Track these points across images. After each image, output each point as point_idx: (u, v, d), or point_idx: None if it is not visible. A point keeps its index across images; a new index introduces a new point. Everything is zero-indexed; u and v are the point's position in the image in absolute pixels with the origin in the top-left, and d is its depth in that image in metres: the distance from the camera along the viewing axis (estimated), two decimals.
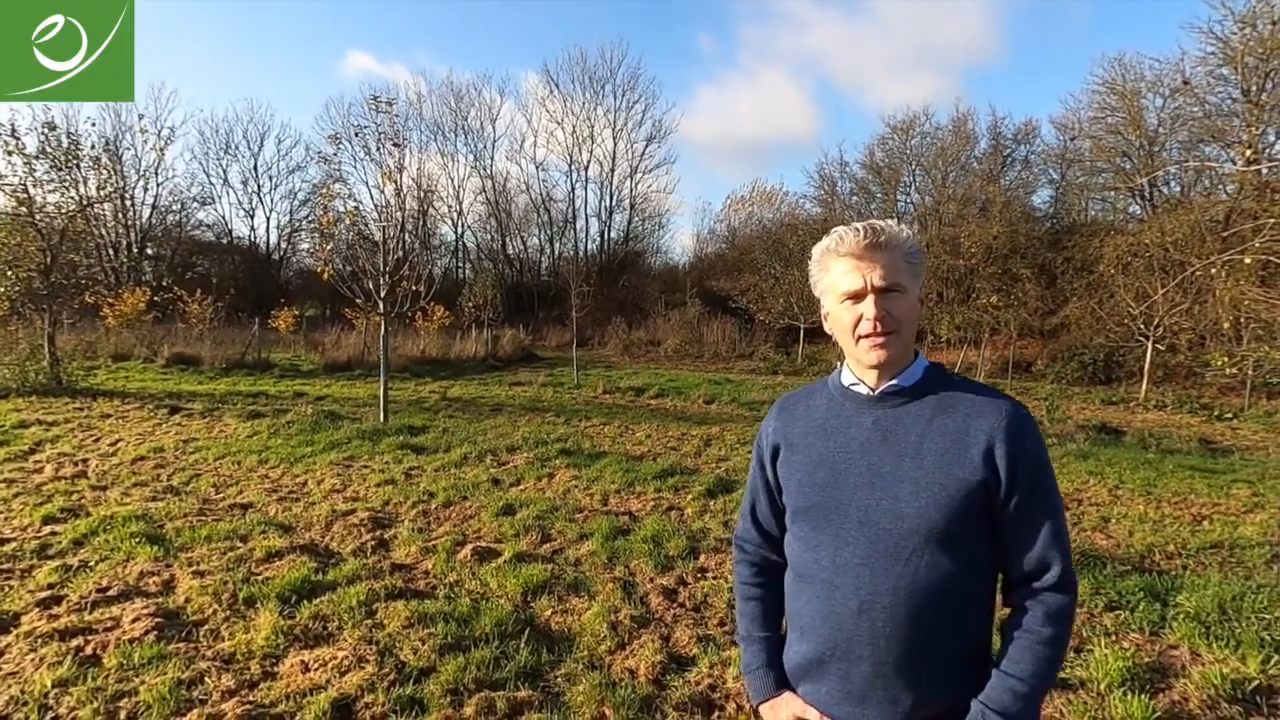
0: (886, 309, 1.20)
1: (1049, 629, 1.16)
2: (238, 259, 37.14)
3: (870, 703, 1.19)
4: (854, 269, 1.21)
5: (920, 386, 1.25)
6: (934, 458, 1.17)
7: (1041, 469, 1.18)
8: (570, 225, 37.72)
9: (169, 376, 14.85)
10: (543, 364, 20.61)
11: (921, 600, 1.15)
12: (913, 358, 1.27)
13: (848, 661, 1.20)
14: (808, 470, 1.28)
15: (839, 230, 1.24)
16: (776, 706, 1.32)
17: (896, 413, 1.24)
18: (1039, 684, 1.14)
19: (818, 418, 1.32)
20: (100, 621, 3.41)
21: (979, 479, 1.15)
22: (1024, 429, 1.18)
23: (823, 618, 1.23)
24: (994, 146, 28.89)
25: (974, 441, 1.17)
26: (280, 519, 5.10)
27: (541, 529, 4.90)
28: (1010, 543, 1.19)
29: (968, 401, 1.21)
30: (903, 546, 1.16)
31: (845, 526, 1.21)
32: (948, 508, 1.15)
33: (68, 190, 12.44)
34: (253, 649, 3.16)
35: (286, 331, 23.21)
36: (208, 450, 7.32)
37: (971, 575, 1.18)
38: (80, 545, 4.46)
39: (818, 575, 1.24)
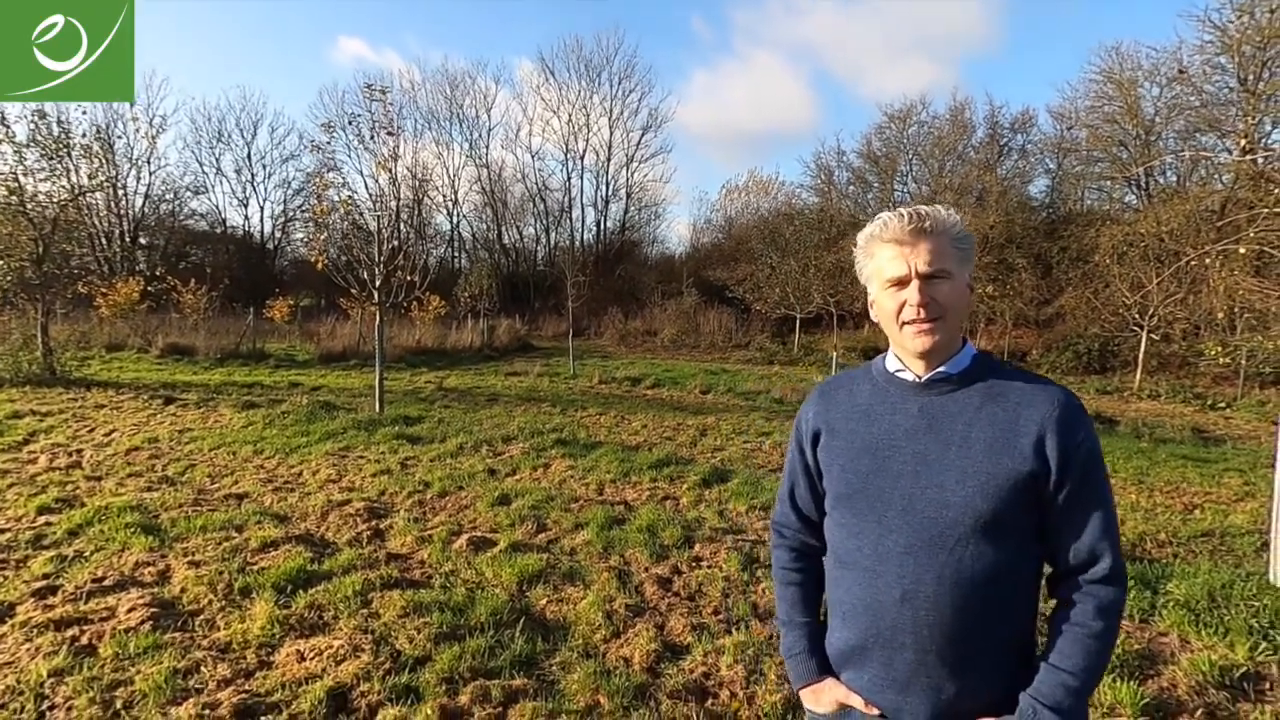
0: (931, 295, 1.18)
1: (1100, 622, 1.14)
2: (232, 249, 36.96)
3: (913, 691, 1.18)
4: (898, 255, 1.19)
5: (968, 374, 1.23)
6: (982, 446, 1.16)
7: (1094, 461, 1.16)
8: (566, 215, 37.62)
9: (163, 367, 14.81)
10: (539, 354, 20.61)
11: (966, 590, 1.13)
12: (960, 345, 1.25)
13: (890, 649, 1.19)
14: (850, 456, 1.26)
15: (883, 216, 1.22)
16: (819, 692, 1.31)
17: (943, 400, 1.22)
18: (1089, 679, 1.13)
19: (861, 403, 1.30)
20: (96, 611, 3.41)
21: (1028, 470, 1.13)
22: (1077, 420, 1.16)
23: (865, 605, 1.22)
24: (991, 136, 28.85)
25: (1024, 431, 1.15)
26: (275, 509, 5.10)
27: (537, 519, 4.91)
28: (1059, 534, 1.18)
29: (1018, 390, 1.19)
30: (947, 535, 1.15)
31: (889, 514, 1.20)
32: (995, 498, 1.13)
33: (59, 179, 12.33)
34: (248, 638, 3.17)
35: (281, 322, 23.15)
36: (203, 440, 7.31)
37: (1017, 566, 1.16)
38: (75, 535, 4.46)
39: (860, 562, 1.23)
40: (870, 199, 31.86)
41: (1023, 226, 24.02)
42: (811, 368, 18.96)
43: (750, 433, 8.72)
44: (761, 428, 9.13)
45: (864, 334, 26.06)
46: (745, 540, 4.61)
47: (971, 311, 20.57)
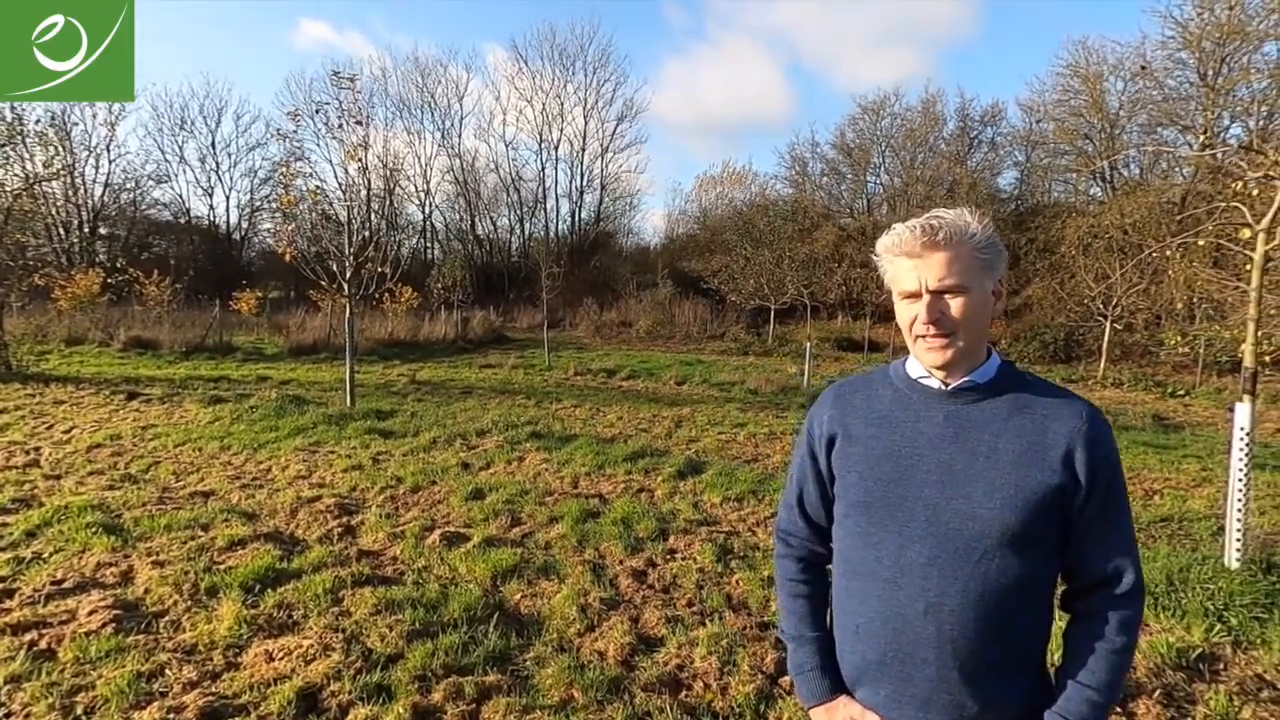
0: (941, 311, 1.16)
1: (1122, 638, 1.14)
2: (197, 239, 36.01)
3: (934, 709, 1.16)
4: (911, 269, 1.17)
5: (995, 384, 1.21)
6: (1010, 458, 1.14)
7: (1118, 475, 1.16)
8: (540, 205, 37.33)
9: (126, 361, 14.43)
10: (514, 346, 20.47)
11: (991, 603, 1.12)
12: (985, 355, 1.23)
13: (911, 665, 1.16)
14: (870, 463, 1.23)
15: (897, 228, 1.19)
16: (833, 711, 1.27)
17: (970, 410, 1.19)
18: (1113, 695, 1.13)
19: (881, 409, 1.26)
20: (55, 615, 3.32)
21: (1057, 483, 1.12)
22: (1104, 434, 1.16)
23: (884, 619, 1.18)
24: (962, 128, 29.23)
25: (1053, 444, 1.14)
26: (243, 506, 5.00)
27: (511, 513, 4.88)
28: (1083, 548, 1.17)
29: (1045, 403, 1.18)
30: (974, 548, 1.12)
31: (911, 524, 1.17)
32: (1023, 510, 1.11)
33: (11, 167, 11.91)
34: (215, 639, 3.11)
35: (249, 314, 22.66)
36: (167, 437, 7.14)
37: (1039, 580, 1.16)
38: (33, 536, 4.33)
39: (879, 574, 1.19)
40: (844, 190, 32.14)
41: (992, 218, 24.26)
42: (786, 358, 19.10)
43: (725, 424, 8.76)
44: (736, 419, 9.18)
45: (837, 324, 26.35)
46: (720, 532, 4.63)
47: None
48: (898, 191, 29.58)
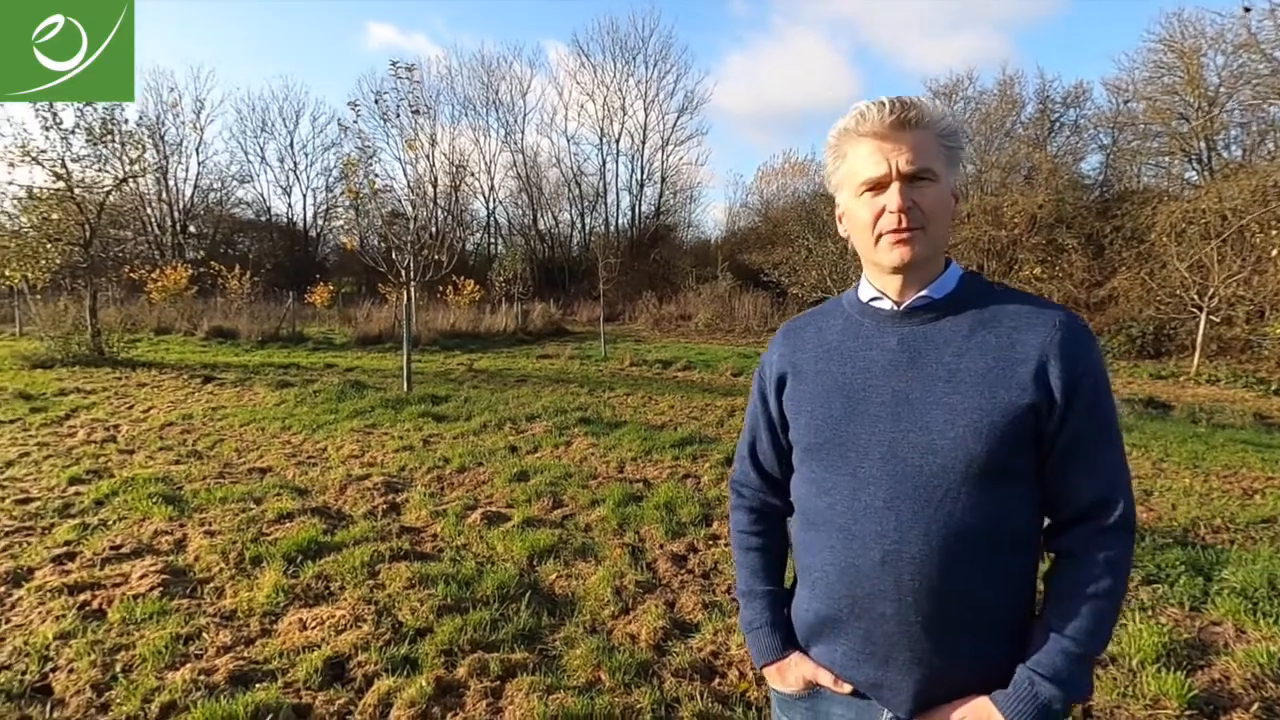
0: (913, 199, 1.00)
1: (1108, 580, 0.97)
2: (276, 236, 37.80)
3: (895, 665, 1.03)
4: (877, 151, 1.01)
5: (955, 299, 1.06)
6: (973, 379, 0.99)
7: (1102, 391, 0.99)
8: (601, 199, 37.45)
9: (207, 349, 15.19)
10: (572, 338, 20.58)
11: (957, 548, 0.97)
12: (944, 264, 1.08)
13: (869, 619, 1.03)
14: (820, 401, 1.09)
15: (861, 104, 1.03)
16: (784, 669, 1.16)
17: (927, 329, 1.05)
18: (1095, 644, 0.97)
19: (831, 340, 1.13)
20: (109, 577, 3.43)
21: (1027, 402, 0.96)
22: (1083, 343, 0.99)
23: (839, 570, 1.05)
24: (1041, 111, 27.63)
25: (1022, 358, 0.98)
26: (296, 482, 5.12)
27: (554, 495, 4.82)
28: (1063, 476, 1.01)
29: (1013, 313, 1.02)
30: (935, 486, 0.98)
31: (865, 464, 1.03)
32: (990, 437, 0.96)
33: (105, 165, 12.67)
34: (253, 606, 3.15)
35: (322, 306, 23.63)
36: (234, 417, 7.42)
37: (1016, 518, 1.00)
38: (101, 505, 4.53)
39: (833, 522, 1.06)
40: None
41: (1074, 205, 23.01)
42: None
43: None
44: None
45: None
46: None
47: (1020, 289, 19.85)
48: (971, 179, 28.28)
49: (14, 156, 11.58)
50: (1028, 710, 0.96)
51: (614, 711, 2.41)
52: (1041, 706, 0.95)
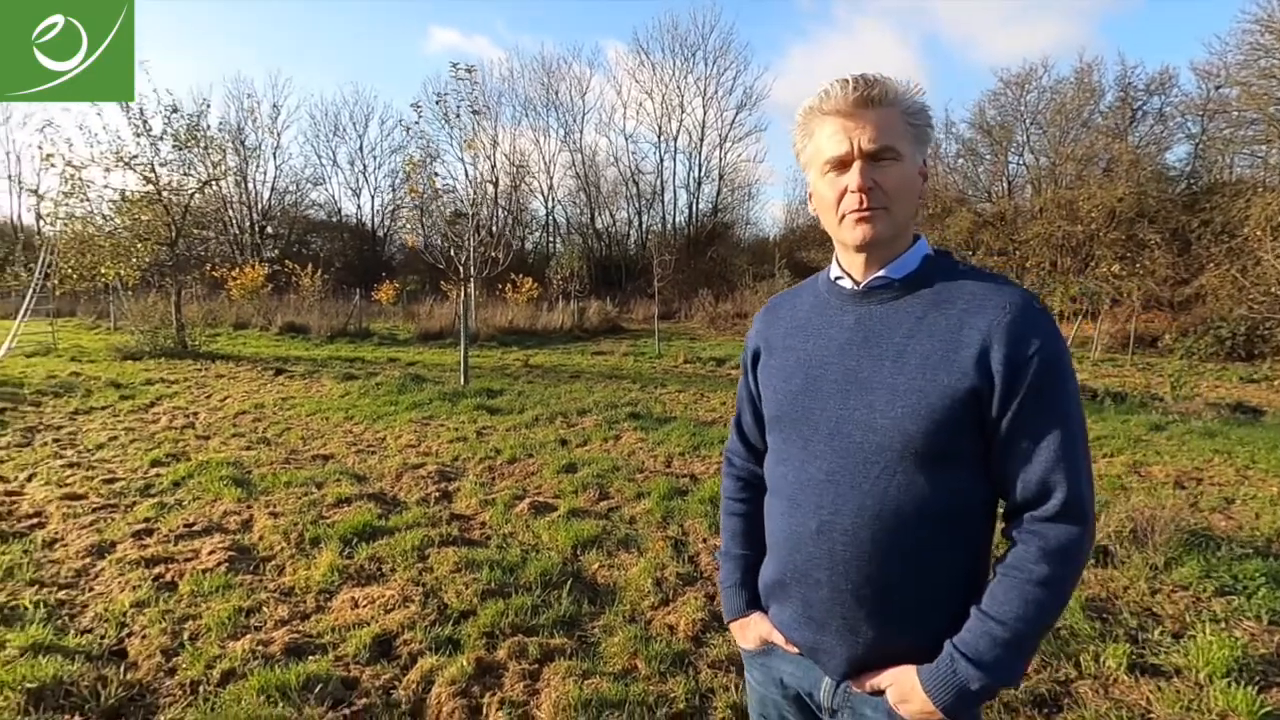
0: (875, 179, 1.00)
1: (1044, 567, 0.96)
2: (346, 236, 39.34)
3: (829, 631, 1.07)
4: (840, 130, 1.01)
5: (915, 278, 1.06)
6: (917, 361, 0.99)
7: (1052, 375, 0.96)
8: (658, 197, 37.52)
9: (280, 343, 15.94)
10: (627, 335, 20.69)
11: (890, 524, 0.99)
12: (910, 243, 1.08)
13: (806, 586, 1.08)
14: (784, 375, 1.14)
15: (826, 83, 1.04)
16: (745, 626, 1.23)
17: (884, 310, 1.06)
18: (1024, 630, 0.95)
19: (801, 317, 1.16)
20: (182, 552, 3.66)
21: (967, 386, 0.96)
22: (1031, 325, 0.96)
23: (785, 537, 1.11)
24: (1122, 99, 26.19)
25: (967, 342, 0.97)
26: (355, 469, 5.32)
27: (600, 487, 4.87)
28: (1006, 462, 1.00)
29: (968, 295, 1.01)
30: (873, 462, 1.00)
31: (815, 438, 1.06)
32: (927, 420, 0.97)
33: (189, 169, 13.45)
34: (310, 584, 3.30)
35: (388, 303, 24.48)
36: (302, 407, 7.78)
37: (957, 500, 1.00)
38: (178, 486, 4.82)
39: (784, 491, 1.12)
40: (981, 172, 29.85)
41: (1157, 199, 21.74)
42: None
43: None
44: None
45: None
46: None
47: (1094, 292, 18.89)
48: (1044, 172, 27.07)
49: (109, 162, 12.43)
50: (945, 686, 0.97)
51: (648, 699, 2.42)
52: (959, 685, 0.96)
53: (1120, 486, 5.08)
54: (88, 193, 12.70)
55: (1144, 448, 6.35)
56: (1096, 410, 8.35)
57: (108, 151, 12.36)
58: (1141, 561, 3.51)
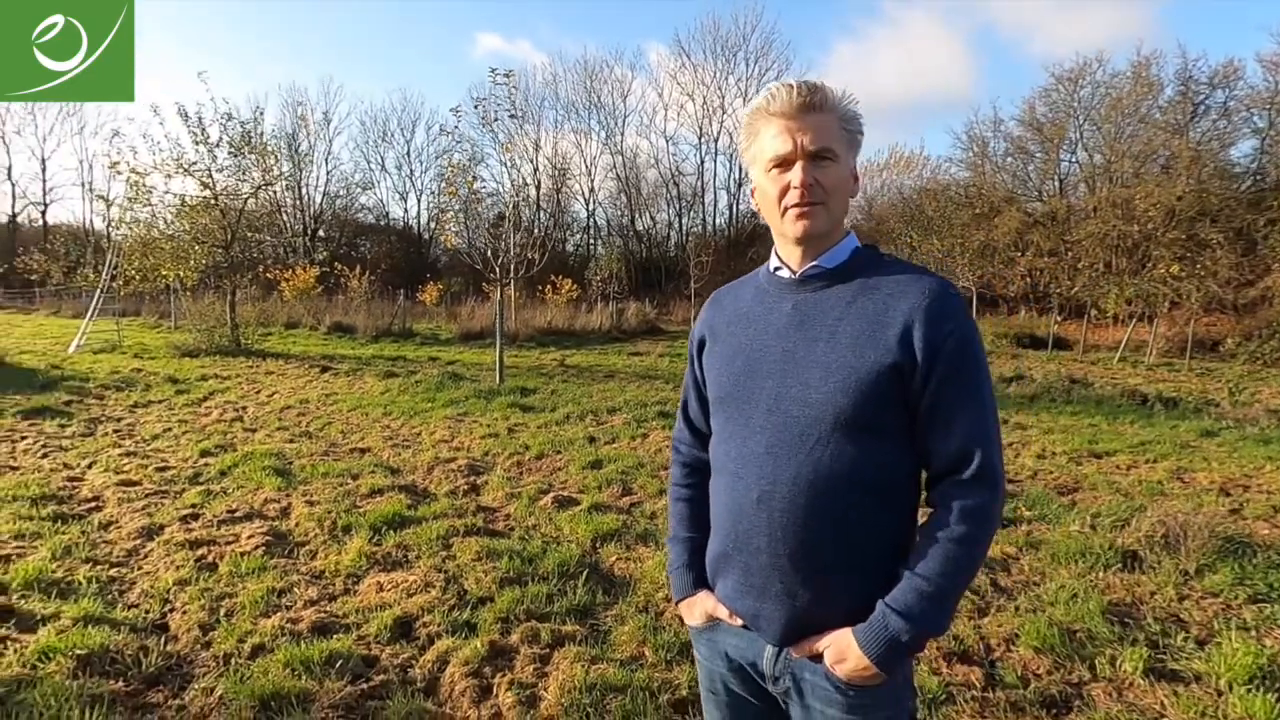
0: (815, 177, 1.09)
1: (961, 527, 1.05)
2: (393, 239, 40.36)
3: (768, 597, 1.13)
4: (784, 131, 1.10)
5: (845, 269, 1.15)
6: (848, 341, 1.08)
7: (965, 354, 1.06)
8: (699, 199, 37.49)
9: (328, 342, 16.49)
10: (665, 336, 20.75)
11: (823, 491, 1.06)
12: (841, 237, 1.17)
13: (747, 554, 1.14)
14: (727, 359, 1.22)
15: (772, 87, 1.13)
16: (692, 605, 1.28)
17: (817, 296, 1.15)
18: (946, 584, 1.04)
19: (743, 306, 1.25)
20: (223, 536, 3.86)
21: (890, 362, 1.05)
22: (947, 309, 1.06)
23: (727, 510, 1.18)
24: (1182, 93, 25.09)
25: (891, 323, 1.07)
26: (390, 462, 5.51)
27: (624, 483, 4.94)
28: (927, 433, 1.08)
29: (892, 282, 1.11)
30: (808, 434, 1.08)
31: (755, 415, 1.14)
32: (856, 393, 1.05)
33: (244, 175, 14.04)
34: (339, 568, 3.46)
35: (431, 304, 25.05)
36: (343, 403, 8.06)
37: (885, 469, 1.08)
38: (224, 475, 5.07)
39: (727, 467, 1.18)
40: (1031, 171, 28.97)
41: (1220, 197, 20.79)
42: None
43: None
44: None
45: (1019, 319, 23.87)
46: None
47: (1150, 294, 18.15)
48: (1098, 169, 26.17)
49: (170, 168, 13.07)
50: (878, 640, 1.04)
51: (652, 685, 2.48)
52: (891, 638, 1.03)
53: (1159, 492, 4.93)
54: (150, 198, 13.37)
55: (1190, 454, 6.13)
56: (1145, 415, 8.08)
57: (169, 159, 13.01)
58: (1172, 567, 3.42)
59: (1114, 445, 6.39)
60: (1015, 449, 6.31)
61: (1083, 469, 5.59)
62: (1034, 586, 3.33)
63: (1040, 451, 6.19)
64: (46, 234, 36.04)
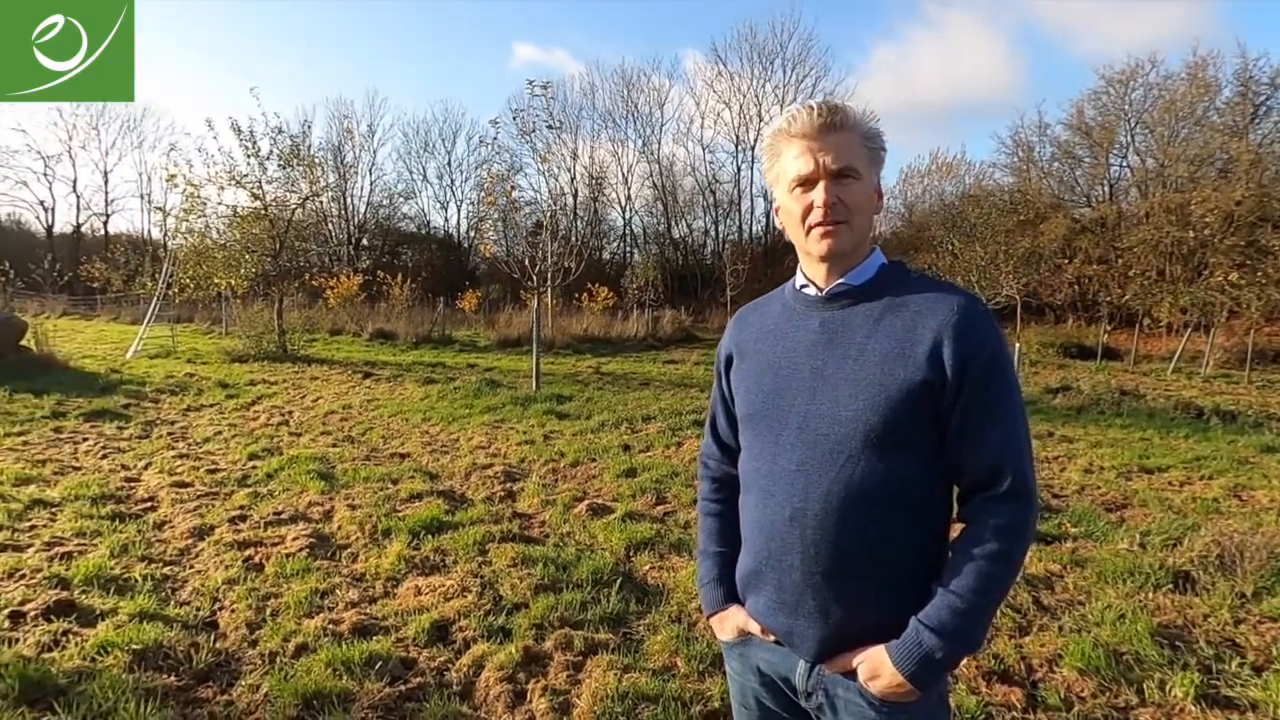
0: (838, 196, 1.11)
1: (995, 543, 1.05)
2: (434, 247, 41.11)
3: (801, 614, 1.14)
4: (806, 151, 1.12)
5: (872, 286, 1.16)
6: (876, 358, 1.09)
7: (996, 370, 1.07)
8: (735, 206, 37.37)
9: (370, 348, 16.86)
10: (701, 344, 20.69)
11: (856, 508, 1.07)
12: (867, 254, 1.18)
13: (780, 571, 1.15)
14: (755, 377, 1.23)
15: (792, 109, 1.15)
16: (724, 620, 1.29)
17: (845, 314, 1.16)
18: (980, 601, 1.05)
19: (770, 323, 1.26)
20: (270, 538, 3.99)
21: (921, 378, 1.05)
22: (977, 325, 1.07)
23: (759, 526, 1.19)
24: (1242, 94, 24.11)
25: (920, 340, 1.07)
26: (429, 468, 5.62)
27: (658, 492, 4.95)
28: (959, 448, 1.09)
29: (920, 299, 1.11)
30: (838, 452, 1.08)
31: (785, 432, 1.14)
32: (886, 410, 1.06)
33: (292, 186, 14.50)
34: (379, 571, 3.54)
35: (470, 311, 25.44)
36: (384, 408, 8.25)
37: (916, 484, 1.09)
38: (270, 478, 5.24)
39: (758, 484, 1.19)
40: (1079, 176, 28.18)
41: None
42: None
43: None
44: None
45: (1066, 328, 23.20)
46: None
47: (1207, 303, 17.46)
48: (1151, 174, 25.33)
49: (223, 180, 13.58)
50: (913, 657, 1.04)
51: (684, 696, 2.48)
52: (925, 654, 1.03)
53: (1215, 510, 4.74)
54: (204, 209, 13.91)
55: (1249, 470, 5.88)
56: (1200, 429, 7.77)
57: (222, 171, 13.51)
58: (1227, 589, 3.29)
59: (1167, 460, 6.16)
60: (1060, 462, 6.14)
61: (1132, 484, 5.41)
62: (1079, 605, 3.24)
63: (1087, 465, 6.01)
64: (108, 243, 37.69)
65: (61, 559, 3.58)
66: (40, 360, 10.28)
